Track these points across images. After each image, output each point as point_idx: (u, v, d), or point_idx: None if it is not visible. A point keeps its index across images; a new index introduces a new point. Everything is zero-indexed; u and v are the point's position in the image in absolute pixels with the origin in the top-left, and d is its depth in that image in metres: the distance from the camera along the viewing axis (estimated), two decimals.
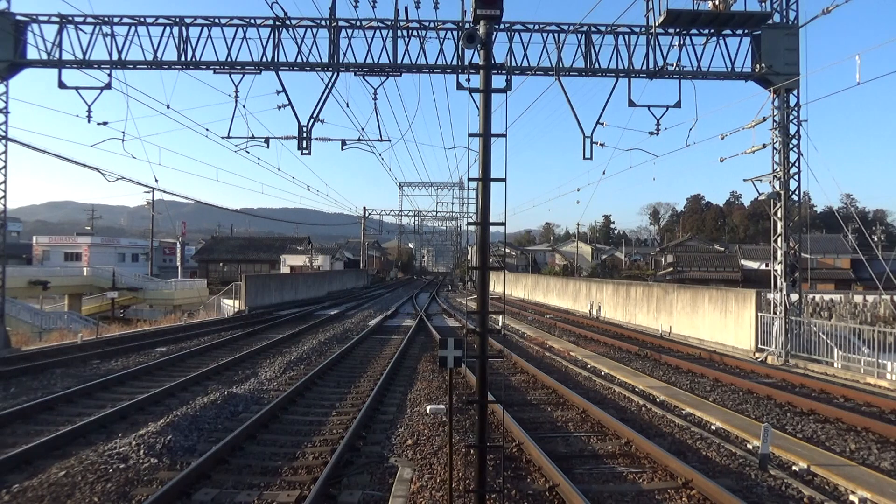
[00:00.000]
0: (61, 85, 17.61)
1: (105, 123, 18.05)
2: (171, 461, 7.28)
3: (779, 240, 17.12)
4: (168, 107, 18.26)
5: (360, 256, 74.42)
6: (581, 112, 25.52)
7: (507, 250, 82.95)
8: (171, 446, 7.72)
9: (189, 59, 17.36)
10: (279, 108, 18.28)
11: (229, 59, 17.47)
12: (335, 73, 17.78)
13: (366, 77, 17.99)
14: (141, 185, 33.55)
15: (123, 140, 18.38)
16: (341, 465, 7.30)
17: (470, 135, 5.29)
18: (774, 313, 16.91)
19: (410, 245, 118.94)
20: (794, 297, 17.04)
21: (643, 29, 17.37)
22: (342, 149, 20.30)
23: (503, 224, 5.75)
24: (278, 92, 18.15)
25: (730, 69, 17.37)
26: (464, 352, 5.65)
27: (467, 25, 16.48)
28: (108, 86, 17.69)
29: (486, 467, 5.26)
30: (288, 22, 17.43)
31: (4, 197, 17.73)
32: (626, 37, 17.45)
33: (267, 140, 18.89)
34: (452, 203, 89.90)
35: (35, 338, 26.14)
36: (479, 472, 5.22)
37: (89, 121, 17.83)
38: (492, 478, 6.04)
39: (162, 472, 6.92)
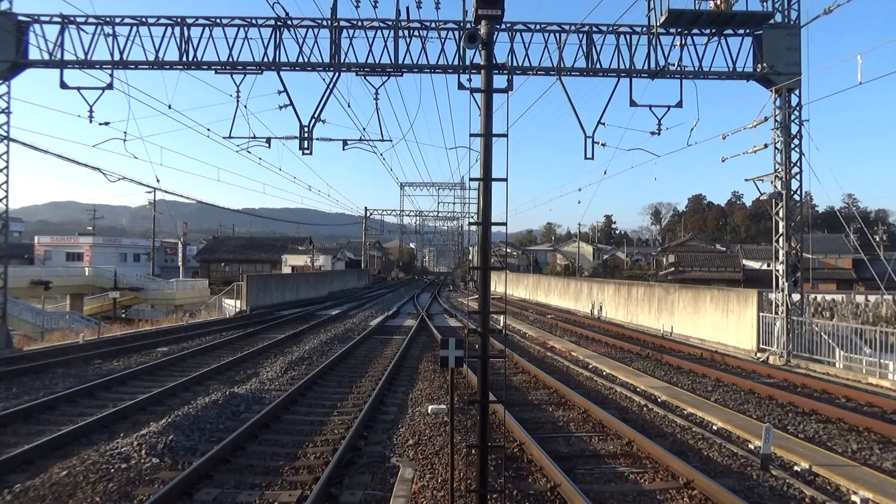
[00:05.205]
0: (63, 85, 17.64)
1: (107, 123, 18.09)
2: (173, 461, 7.29)
3: (780, 240, 17.09)
4: (170, 107, 18.30)
5: (361, 256, 74.45)
6: (582, 112, 25.45)
7: (509, 250, 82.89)
8: (172, 446, 7.72)
9: (191, 59, 17.38)
10: (280, 108, 18.32)
11: (231, 60, 17.48)
12: (336, 73, 17.80)
13: (367, 77, 18.00)
14: (143, 186, 33.81)
15: (125, 140, 18.43)
16: (343, 464, 7.30)
17: (471, 135, 5.30)
18: (776, 313, 16.89)
19: (412, 245, 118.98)
20: (796, 297, 17.02)
21: (645, 29, 17.36)
22: (343, 149, 20.34)
23: (504, 224, 5.75)
24: (280, 92, 18.18)
25: (731, 69, 17.35)
26: (465, 352, 5.65)
27: (468, 25, 16.47)
28: (110, 86, 17.71)
29: (487, 467, 5.27)
30: (289, 22, 17.44)
31: (6, 197, 17.76)
32: (628, 37, 17.44)
33: (268, 140, 18.90)
34: (454, 203, 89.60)
35: (37, 338, 26.20)
36: (481, 472, 5.22)
37: (91, 121, 17.88)
38: (493, 478, 6.03)
39: (163, 472, 6.93)
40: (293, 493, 6.46)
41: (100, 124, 18.02)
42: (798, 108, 16.96)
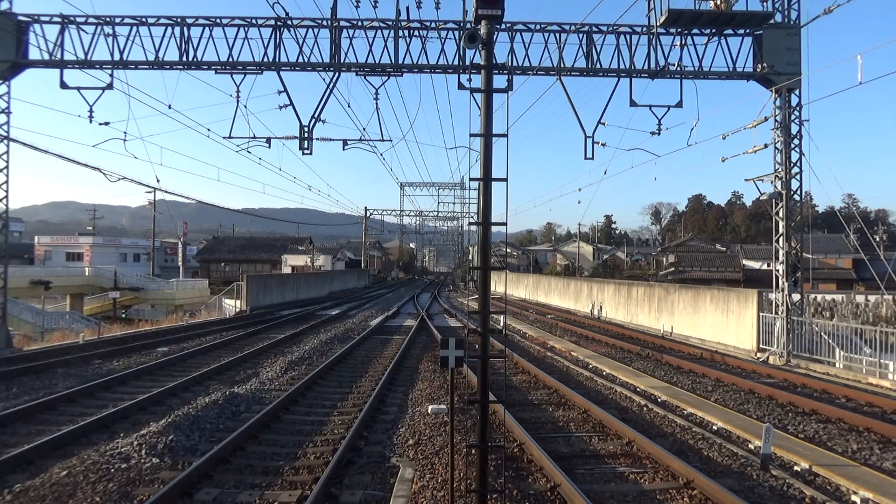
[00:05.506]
0: (63, 85, 17.64)
1: (107, 123, 18.09)
2: (173, 461, 7.29)
3: (780, 240, 17.09)
4: (170, 107, 18.30)
5: (361, 256, 74.46)
6: (582, 112, 25.49)
7: (509, 250, 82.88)
8: (172, 446, 7.72)
9: (191, 59, 17.38)
10: (280, 108, 18.31)
11: (231, 60, 17.48)
12: (336, 73, 17.80)
13: (367, 77, 18.00)
14: (143, 185, 33.83)
15: (125, 140, 18.43)
16: (343, 464, 7.30)
17: (471, 135, 5.31)
18: (776, 313, 16.89)
19: (412, 245, 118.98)
20: (796, 296, 17.02)
21: (645, 29, 17.36)
22: (343, 149, 20.35)
23: (504, 224, 5.75)
24: (280, 92, 18.17)
25: (731, 69, 17.35)
26: (465, 352, 5.65)
27: (468, 25, 16.47)
28: (110, 86, 17.71)
29: (487, 467, 5.27)
30: (289, 22, 17.43)
31: (6, 197, 17.76)
32: (628, 37, 17.43)
33: (268, 140, 18.91)
34: (454, 203, 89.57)
35: (37, 338, 26.20)
36: (481, 472, 5.22)
37: (91, 121, 17.88)
38: (493, 478, 6.03)
39: (164, 472, 6.93)
40: (293, 493, 6.47)
41: (100, 124, 18.06)
42: (798, 108, 16.96)
